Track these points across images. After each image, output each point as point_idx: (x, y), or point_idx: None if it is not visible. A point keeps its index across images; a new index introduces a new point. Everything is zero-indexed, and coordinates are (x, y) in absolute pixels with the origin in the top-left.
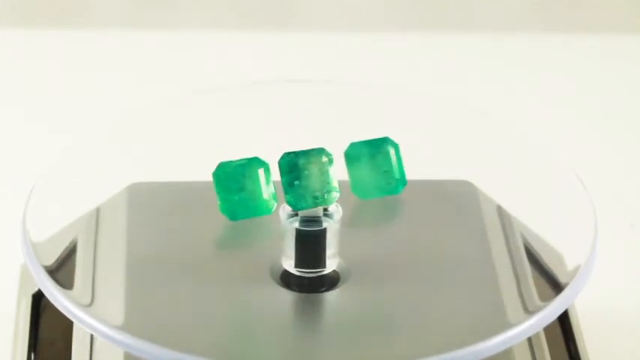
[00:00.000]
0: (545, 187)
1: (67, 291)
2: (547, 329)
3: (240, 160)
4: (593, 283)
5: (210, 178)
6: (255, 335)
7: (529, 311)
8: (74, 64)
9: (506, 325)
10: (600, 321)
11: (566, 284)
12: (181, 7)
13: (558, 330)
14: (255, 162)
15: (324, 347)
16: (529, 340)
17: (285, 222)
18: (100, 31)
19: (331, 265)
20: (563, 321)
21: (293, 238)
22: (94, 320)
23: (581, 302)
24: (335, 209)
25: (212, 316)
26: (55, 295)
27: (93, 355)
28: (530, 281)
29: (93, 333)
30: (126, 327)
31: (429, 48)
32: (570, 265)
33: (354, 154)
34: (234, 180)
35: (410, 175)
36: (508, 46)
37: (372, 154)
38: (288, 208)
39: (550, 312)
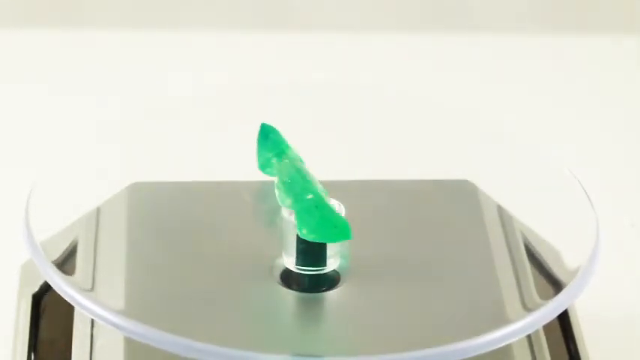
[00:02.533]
0: (545, 187)
1: (69, 277)
2: (547, 329)
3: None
4: (593, 283)
5: (209, 177)
6: (255, 333)
7: (529, 310)
8: (74, 64)
9: (506, 322)
10: (600, 321)
11: (567, 283)
12: (181, 7)
13: (558, 330)
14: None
15: (323, 346)
16: (529, 339)
17: (290, 219)
18: (100, 31)
19: (332, 264)
20: (563, 321)
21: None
22: (97, 306)
23: (581, 302)
24: (338, 207)
25: (212, 316)
26: (59, 283)
27: (93, 355)
28: (531, 281)
29: (95, 319)
30: (126, 314)
31: (428, 48)
32: (570, 265)
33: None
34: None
35: (410, 175)
36: (508, 46)
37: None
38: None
39: (550, 310)
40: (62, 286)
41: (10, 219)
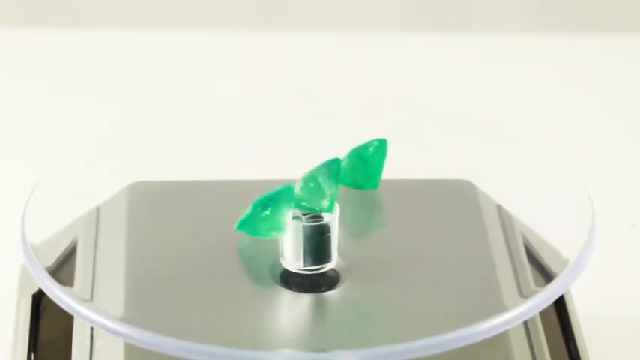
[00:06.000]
0: (545, 187)
1: (67, 288)
2: (547, 329)
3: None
4: (594, 283)
5: (209, 177)
6: (255, 334)
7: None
8: (74, 64)
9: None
10: (600, 321)
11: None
12: (182, 7)
13: (558, 329)
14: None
15: (324, 346)
16: (529, 340)
17: (290, 221)
18: (100, 31)
19: (331, 263)
20: (563, 321)
21: (299, 236)
22: (94, 314)
23: (582, 302)
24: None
25: (212, 316)
26: (56, 293)
27: (93, 355)
28: (530, 280)
29: (94, 326)
30: (126, 320)
31: (428, 48)
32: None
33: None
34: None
35: (410, 175)
36: (508, 46)
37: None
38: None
39: (546, 296)
40: (57, 294)
41: (10, 219)
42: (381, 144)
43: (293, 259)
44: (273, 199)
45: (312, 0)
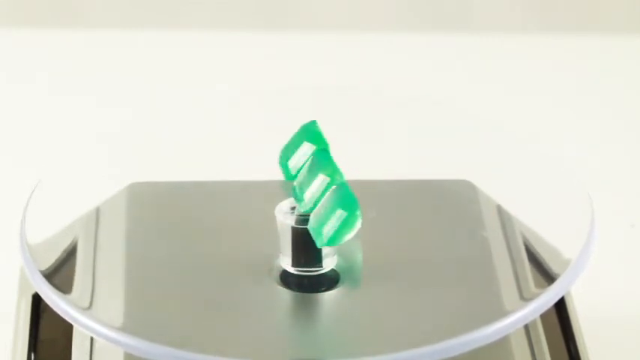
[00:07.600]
0: (545, 187)
1: (65, 295)
2: (547, 329)
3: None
4: (594, 283)
5: (209, 177)
6: (255, 334)
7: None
8: (74, 64)
9: (504, 315)
10: (600, 321)
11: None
12: (182, 7)
13: (558, 330)
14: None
15: (324, 346)
16: (529, 340)
17: (285, 220)
18: (100, 31)
19: (330, 263)
20: (563, 321)
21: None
22: (92, 322)
23: (582, 302)
24: None
25: (212, 318)
26: (54, 299)
27: (93, 355)
28: (530, 281)
29: (92, 335)
30: (126, 328)
31: (428, 48)
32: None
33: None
34: None
35: (410, 175)
36: (508, 46)
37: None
38: (285, 207)
39: (546, 299)
40: (56, 302)
41: (10, 219)
42: (315, 124)
43: (293, 260)
44: (355, 199)
45: (312, 0)
